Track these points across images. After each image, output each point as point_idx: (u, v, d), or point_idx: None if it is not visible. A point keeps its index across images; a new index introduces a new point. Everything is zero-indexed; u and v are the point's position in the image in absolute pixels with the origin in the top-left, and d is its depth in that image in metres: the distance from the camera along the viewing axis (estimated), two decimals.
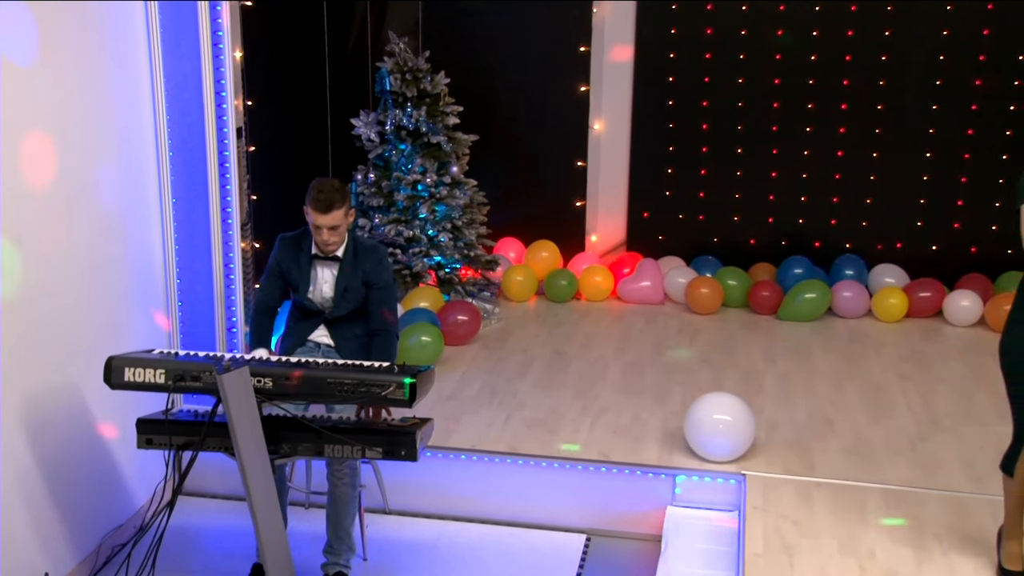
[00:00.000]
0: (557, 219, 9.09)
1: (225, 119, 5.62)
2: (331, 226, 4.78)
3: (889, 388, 6.85)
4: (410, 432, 4.40)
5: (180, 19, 5.42)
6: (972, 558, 4.75)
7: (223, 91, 5.58)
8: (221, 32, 5.52)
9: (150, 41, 5.42)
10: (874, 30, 8.48)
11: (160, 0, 5.37)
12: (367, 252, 4.96)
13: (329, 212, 4.74)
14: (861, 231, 8.85)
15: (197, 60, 5.43)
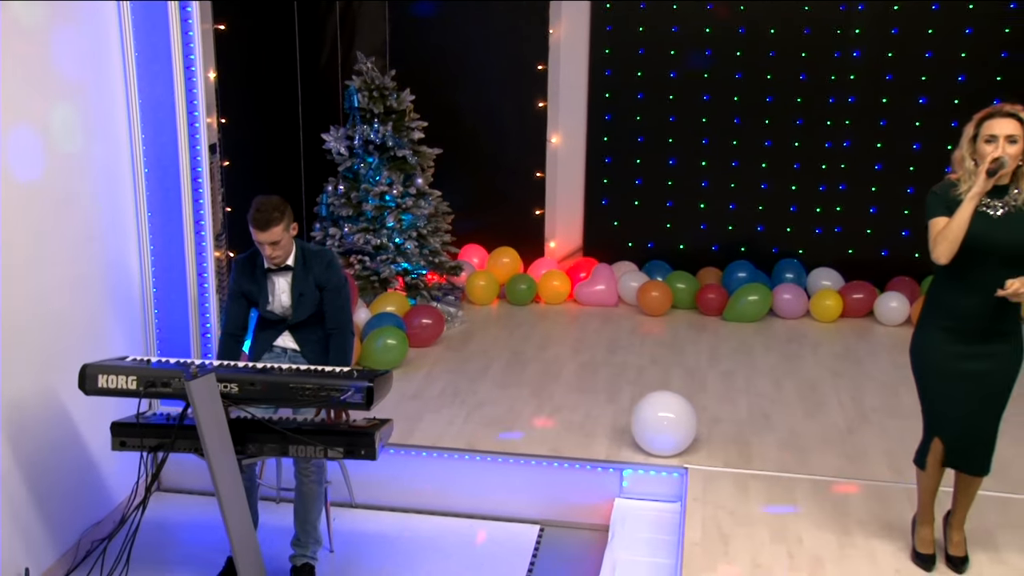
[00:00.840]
0: (518, 227, 9.12)
1: (197, 137, 5.62)
2: (272, 242, 4.78)
3: (823, 384, 6.91)
4: (369, 433, 4.42)
5: (154, 43, 5.43)
6: (890, 543, 4.83)
7: (195, 111, 5.58)
8: (193, 56, 5.52)
9: (125, 64, 5.43)
10: (811, 48, 8.55)
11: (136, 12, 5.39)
12: (315, 257, 4.98)
13: (268, 229, 4.74)
14: (800, 238, 8.90)
15: (170, 82, 5.43)
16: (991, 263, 4.20)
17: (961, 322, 4.34)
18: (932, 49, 8.35)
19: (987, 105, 4.30)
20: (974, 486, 4.62)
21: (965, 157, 4.24)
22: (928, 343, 4.45)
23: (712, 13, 8.56)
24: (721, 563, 4.67)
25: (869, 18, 8.40)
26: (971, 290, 4.28)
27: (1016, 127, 4.12)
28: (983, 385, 4.40)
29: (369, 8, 8.78)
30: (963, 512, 4.67)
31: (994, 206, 4.23)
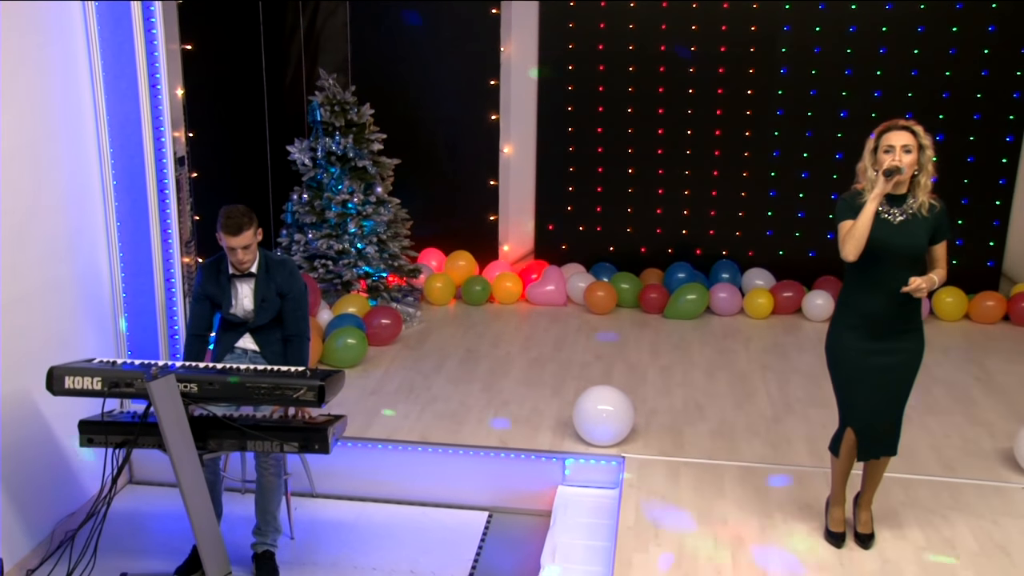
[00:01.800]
0: (473, 232, 9.13)
1: (164, 151, 5.62)
2: (243, 246, 4.80)
3: (753, 377, 6.99)
4: (322, 428, 4.46)
5: (120, 62, 5.42)
6: (807, 523, 4.93)
7: (161, 126, 5.58)
8: (158, 74, 5.51)
9: (93, 81, 5.42)
10: (742, 67, 8.63)
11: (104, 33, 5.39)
12: (278, 266, 5.00)
13: (240, 234, 4.76)
14: (735, 240, 8.97)
15: (136, 99, 5.43)
16: (893, 265, 4.32)
17: (869, 321, 4.45)
18: (851, 67, 8.45)
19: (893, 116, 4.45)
20: (881, 468, 4.74)
21: (867, 167, 4.37)
22: (840, 341, 4.55)
23: (654, 34, 8.61)
24: (652, 545, 4.73)
25: (794, 38, 8.49)
26: (877, 291, 4.39)
27: (911, 139, 4.27)
28: (890, 378, 4.52)
29: (332, 28, 8.78)
30: (871, 493, 4.78)
31: (894, 213, 4.36)
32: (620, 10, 8.61)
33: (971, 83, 8.37)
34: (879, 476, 4.76)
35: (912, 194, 4.36)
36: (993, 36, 8.26)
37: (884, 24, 8.34)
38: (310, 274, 7.86)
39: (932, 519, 5.00)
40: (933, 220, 4.37)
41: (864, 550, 4.71)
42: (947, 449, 5.83)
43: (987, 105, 8.40)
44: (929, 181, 4.34)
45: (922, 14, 8.30)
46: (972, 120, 8.42)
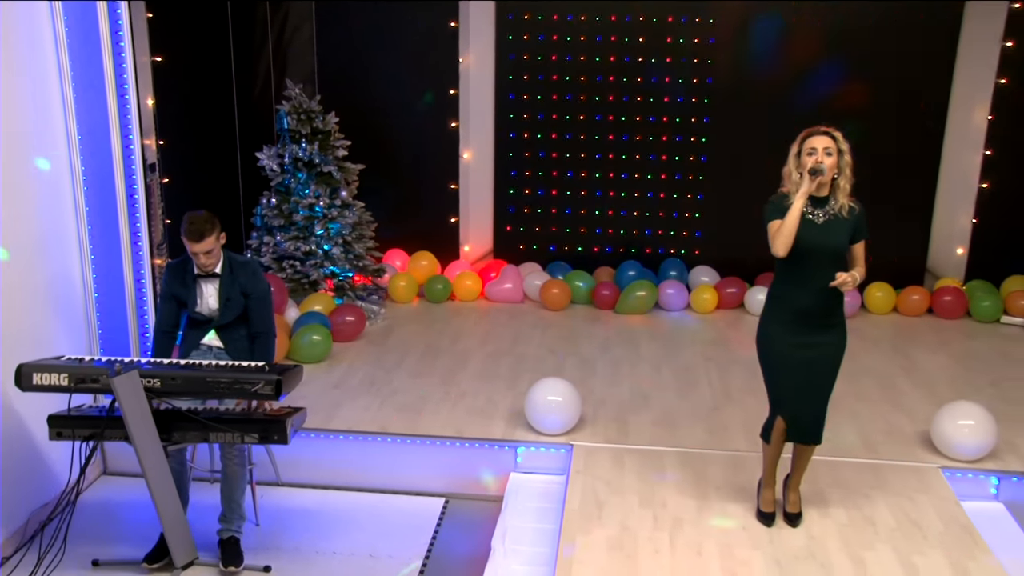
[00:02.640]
0: (435, 233, 9.13)
1: (132, 157, 5.61)
2: (205, 251, 4.81)
3: (696, 368, 7.05)
4: (281, 420, 4.47)
5: (90, 74, 5.41)
6: (741, 504, 4.99)
7: (129, 134, 5.57)
8: (126, 85, 5.51)
9: (63, 92, 5.39)
10: (680, 76, 8.70)
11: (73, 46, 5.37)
12: (241, 267, 5.00)
13: (202, 240, 4.77)
14: (682, 239, 9.03)
15: (104, 109, 5.41)
16: (818, 263, 4.39)
17: (796, 315, 4.52)
18: (786, 76, 8.54)
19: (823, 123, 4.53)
20: (809, 453, 4.81)
21: (792, 171, 4.43)
22: (769, 334, 4.61)
23: (600, 45, 8.67)
24: (595, 526, 4.78)
25: (726, 50, 8.58)
26: (803, 287, 4.46)
27: (830, 142, 4.35)
28: (815, 370, 4.59)
29: (299, 42, 8.76)
30: (799, 476, 4.85)
31: (817, 214, 4.43)
32: (574, 22, 8.65)
33: (895, 91, 8.48)
34: (806, 460, 4.83)
35: (833, 196, 4.45)
36: (913, 47, 8.38)
37: (815, 37, 8.44)
38: (278, 274, 7.84)
39: (855, 498, 5.08)
40: (853, 221, 4.45)
41: (792, 528, 4.78)
42: (872, 433, 5.91)
43: (909, 111, 8.51)
44: (848, 184, 4.42)
45: (854, 32, 8.40)
46: (897, 125, 8.53)
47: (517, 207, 9.17)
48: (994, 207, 8.48)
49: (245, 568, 4.86)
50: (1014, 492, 5.35)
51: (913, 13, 8.31)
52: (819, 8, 8.38)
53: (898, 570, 4.44)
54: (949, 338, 7.90)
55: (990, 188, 8.44)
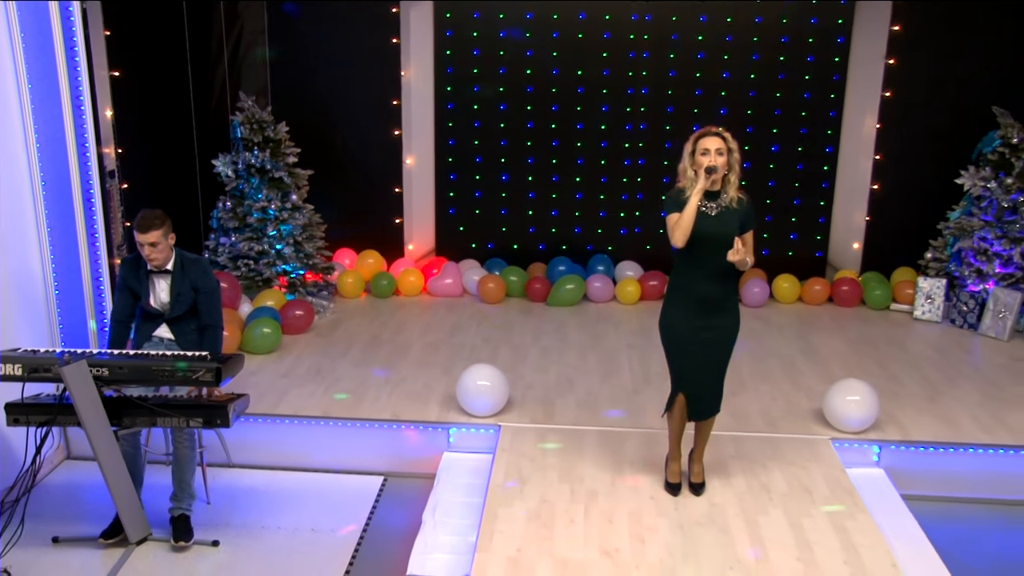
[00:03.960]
0: (381, 233, 9.10)
1: (89, 164, 5.53)
2: (151, 243, 4.76)
3: (619, 355, 7.10)
4: (223, 406, 4.45)
5: (47, 86, 5.33)
6: (651, 476, 5.05)
7: (85, 142, 5.48)
8: (82, 96, 5.42)
9: (21, 104, 5.31)
10: (608, 84, 8.75)
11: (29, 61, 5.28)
12: (192, 264, 4.96)
13: (148, 232, 4.72)
14: (608, 236, 9.10)
15: (61, 120, 5.34)
16: (712, 251, 4.46)
17: (694, 300, 4.58)
18: (700, 88, 8.64)
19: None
20: (709, 426, 4.88)
21: (687, 168, 4.50)
22: (671, 319, 4.67)
23: (529, 59, 8.70)
24: (517, 500, 4.81)
25: (652, 60, 8.64)
26: (700, 273, 4.54)
27: (721, 143, 4.43)
28: (712, 350, 4.65)
29: (253, 57, 8.69)
30: (702, 447, 4.92)
31: (710, 207, 4.50)
32: (506, 39, 8.68)
33: (797, 104, 8.62)
34: (707, 433, 4.90)
35: (724, 191, 4.53)
36: (812, 66, 8.53)
37: (726, 52, 8.56)
38: (233, 273, 7.79)
39: (754, 468, 5.17)
40: (742, 212, 4.53)
41: (696, 496, 4.85)
42: (773, 410, 6.01)
43: (810, 122, 8.67)
44: (737, 179, 4.52)
45: (756, 47, 8.54)
46: (800, 134, 8.68)
47: (457, 208, 9.17)
48: (884, 206, 8.66)
49: (195, 543, 4.82)
50: (893, 459, 5.49)
51: (810, 31, 8.46)
52: (739, 22, 8.50)
53: (787, 531, 4.53)
54: (846, 324, 8.05)
55: (880, 190, 8.62)
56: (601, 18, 8.59)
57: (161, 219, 4.80)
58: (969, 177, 7.95)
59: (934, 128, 8.40)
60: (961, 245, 8.03)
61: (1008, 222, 7.79)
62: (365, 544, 4.94)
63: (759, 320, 8.11)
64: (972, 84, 8.24)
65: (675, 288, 4.66)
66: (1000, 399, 6.21)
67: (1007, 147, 7.76)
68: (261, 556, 4.78)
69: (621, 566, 4.22)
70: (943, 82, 8.31)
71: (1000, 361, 7.05)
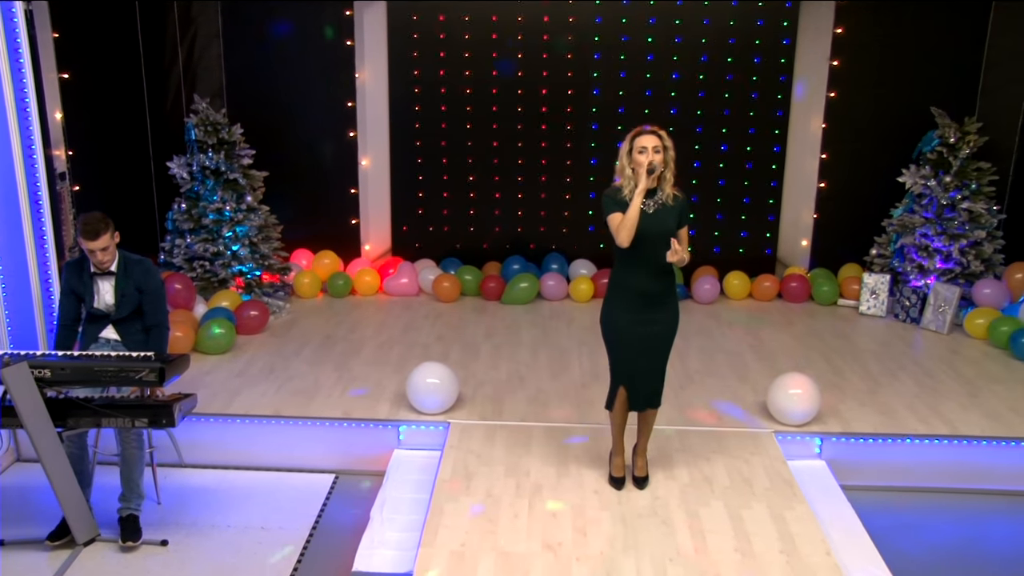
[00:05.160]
0: (338, 234, 9.04)
1: (35, 167, 5.47)
2: (101, 248, 4.72)
3: (571, 352, 7.12)
4: (168, 405, 4.41)
5: None
6: (595, 471, 5.07)
7: (32, 145, 5.43)
8: (27, 100, 5.37)
9: None
10: (563, 87, 8.78)
11: None
12: (136, 265, 4.91)
13: (97, 238, 4.68)
14: (562, 235, 9.10)
15: (5, 123, 5.26)
16: (651, 247, 4.48)
17: (634, 295, 4.61)
18: (650, 88, 8.68)
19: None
20: (651, 419, 4.90)
21: (625, 167, 4.53)
22: (611, 314, 4.71)
23: (482, 61, 8.71)
24: (463, 495, 4.82)
25: (602, 61, 8.68)
26: (639, 269, 4.57)
27: (658, 141, 4.46)
28: (652, 344, 4.68)
29: (208, 60, 8.59)
30: (644, 442, 4.95)
31: (648, 204, 4.53)
32: (459, 41, 8.68)
33: (745, 104, 8.69)
34: (650, 427, 4.93)
35: (660, 188, 4.56)
36: (759, 67, 8.60)
37: (675, 54, 8.61)
38: (188, 274, 7.72)
39: (698, 462, 5.21)
40: (678, 208, 4.57)
41: (640, 490, 4.88)
42: (719, 403, 6.06)
43: (758, 122, 8.74)
44: (672, 176, 4.55)
45: (704, 48, 8.59)
46: (748, 134, 8.75)
47: (413, 209, 9.14)
48: (830, 204, 8.76)
49: (143, 543, 4.78)
50: (834, 451, 5.55)
51: (757, 33, 8.53)
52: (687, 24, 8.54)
53: (727, 521, 4.58)
54: (794, 319, 8.14)
55: (826, 188, 8.72)
56: (554, 20, 8.60)
57: (105, 222, 4.75)
58: (910, 176, 8.07)
59: (877, 128, 8.52)
60: (903, 242, 8.15)
61: (947, 219, 7.92)
62: (314, 542, 4.92)
63: (710, 316, 8.17)
64: (912, 85, 8.37)
65: (615, 285, 4.69)
66: (937, 391, 6.31)
67: (945, 146, 7.89)
68: (210, 555, 4.75)
69: (563, 559, 4.24)
70: (884, 83, 8.42)
71: (939, 354, 7.16)
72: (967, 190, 7.85)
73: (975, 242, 7.93)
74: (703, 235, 8.82)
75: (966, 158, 7.84)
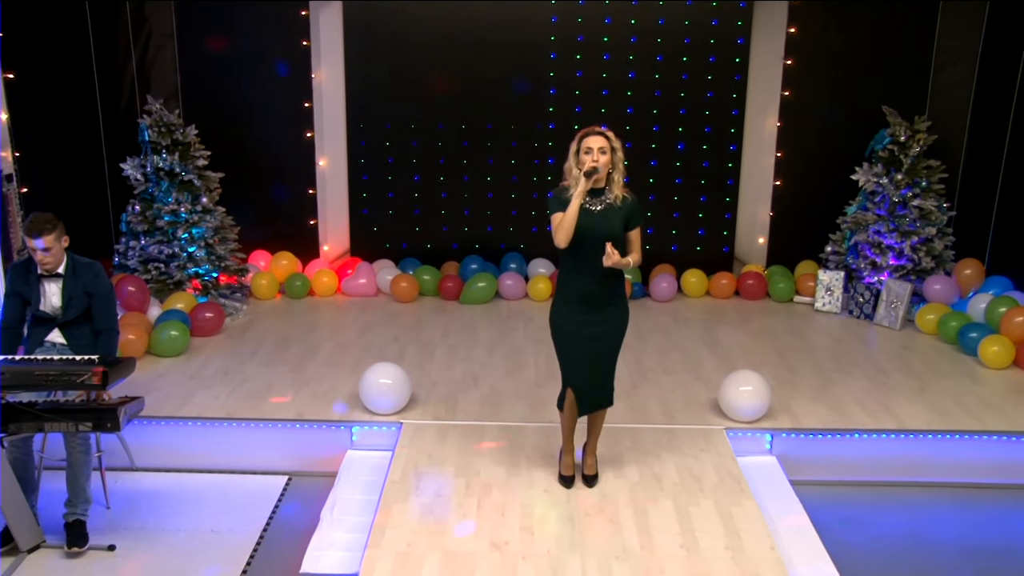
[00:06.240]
0: (296, 235, 8.99)
1: None
2: (43, 248, 4.67)
3: (526, 351, 7.13)
4: (113, 409, 4.36)
5: None
6: (546, 469, 5.09)
7: None
8: None
9: None
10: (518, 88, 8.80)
11: None
12: (84, 268, 4.86)
13: (39, 237, 4.63)
14: (521, 235, 9.11)
15: None
16: (596, 248, 4.48)
17: (581, 296, 4.61)
18: (607, 88, 8.70)
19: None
20: (601, 419, 4.92)
21: (572, 167, 4.53)
22: (559, 315, 4.70)
23: (438, 60, 8.70)
24: (412, 495, 4.81)
25: (559, 60, 8.70)
26: (585, 270, 4.56)
27: (604, 142, 4.47)
28: (600, 344, 4.69)
29: (162, 61, 8.52)
30: (594, 440, 4.97)
31: (595, 204, 4.53)
32: (416, 41, 8.66)
33: (701, 103, 8.75)
34: (599, 426, 4.95)
35: (609, 188, 4.56)
36: (714, 66, 8.66)
37: (631, 53, 8.64)
38: (143, 276, 7.66)
39: (648, 459, 5.24)
40: (626, 210, 4.57)
41: (589, 488, 4.90)
42: (672, 401, 6.10)
43: (714, 121, 8.80)
44: (622, 178, 4.56)
45: (660, 48, 8.63)
46: (704, 133, 8.81)
47: (371, 209, 9.12)
48: (786, 202, 8.84)
49: (90, 548, 4.74)
50: (784, 447, 5.61)
51: (711, 33, 8.59)
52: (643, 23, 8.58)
53: (674, 518, 4.61)
54: (750, 316, 8.21)
55: (782, 186, 8.80)
56: (509, 19, 8.60)
57: (53, 223, 4.70)
58: (863, 173, 8.17)
59: (831, 126, 8.61)
60: (857, 239, 8.24)
61: (899, 216, 8.02)
62: (264, 543, 4.90)
63: (666, 314, 8.22)
64: (864, 84, 8.47)
65: (562, 285, 4.70)
66: (887, 386, 6.39)
67: (896, 144, 7.99)
68: (158, 559, 4.71)
69: (509, 558, 4.25)
70: (837, 82, 8.52)
71: (891, 349, 7.25)
72: (918, 188, 7.96)
73: (926, 239, 8.03)
74: (661, 233, 8.88)
75: (916, 156, 7.95)
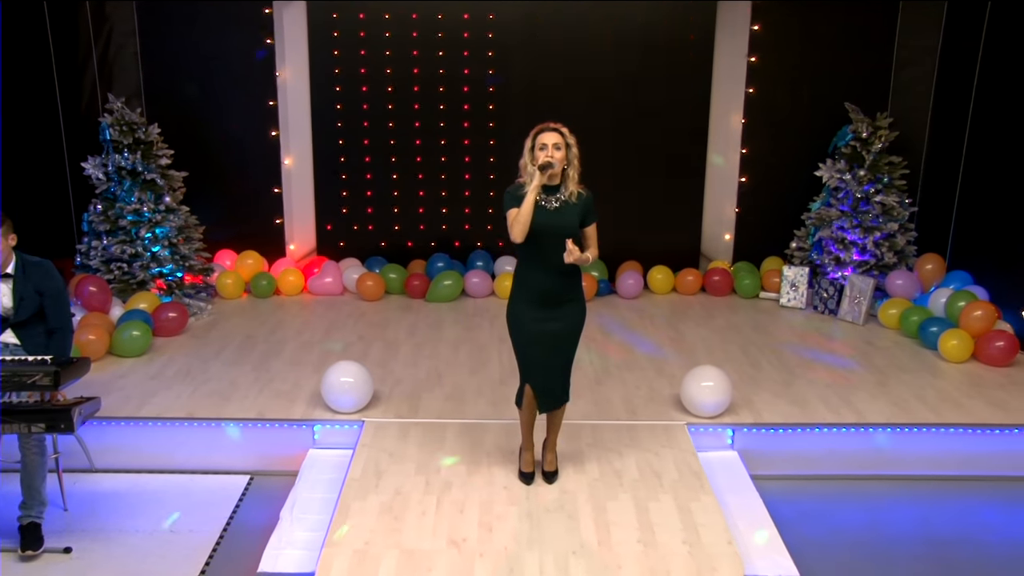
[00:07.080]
0: (262, 234, 8.93)
1: None
2: None
3: (491, 348, 7.13)
4: (67, 410, 4.31)
5: None
6: (506, 466, 5.09)
7: None
8: None
9: None
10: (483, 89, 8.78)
11: None
12: (34, 267, 4.80)
13: None
14: (487, 232, 9.09)
15: None
16: (552, 244, 4.48)
17: (538, 293, 4.61)
18: (570, 85, 8.68)
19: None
20: (560, 415, 4.92)
21: (528, 163, 4.53)
22: (516, 312, 4.70)
23: (403, 59, 8.67)
24: (371, 493, 4.80)
25: (525, 57, 8.69)
26: (541, 267, 4.56)
27: (559, 138, 4.47)
28: (557, 342, 4.68)
29: (124, 59, 8.45)
30: (554, 436, 4.97)
31: (549, 201, 4.54)
32: (380, 40, 8.64)
33: (667, 100, 8.77)
34: (559, 422, 4.95)
35: (564, 185, 4.56)
36: (678, 63, 8.69)
37: (596, 51, 8.66)
38: (106, 276, 7.59)
39: (609, 456, 5.25)
40: (582, 206, 4.57)
41: (549, 484, 4.91)
42: (635, 398, 6.11)
43: (679, 117, 8.82)
44: (576, 174, 4.56)
45: (627, 45, 8.64)
46: (669, 129, 8.82)
47: (336, 208, 9.08)
48: (751, 198, 8.89)
49: (45, 551, 4.69)
50: (746, 441, 5.64)
51: (677, 30, 8.61)
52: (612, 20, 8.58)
53: (633, 514, 4.62)
54: (716, 312, 8.25)
55: (747, 182, 8.84)
56: (474, 17, 8.60)
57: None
58: (827, 170, 8.23)
59: (794, 123, 8.67)
60: (821, 235, 8.30)
61: (862, 212, 8.08)
62: (224, 543, 4.87)
63: (633, 311, 8.25)
64: (826, 81, 8.53)
65: (518, 282, 4.70)
66: (848, 381, 6.44)
67: (858, 141, 8.05)
68: (115, 560, 4.67)
69: (466, 555, 4.25)
70: (800, 79, 8.58)
71: (854, 344, 7.31)
72: (880, 184, 8.03)
73: (888, 234, 8.10)
74: (626, 230, 8.88)
75: (879, 152, 8.01)
